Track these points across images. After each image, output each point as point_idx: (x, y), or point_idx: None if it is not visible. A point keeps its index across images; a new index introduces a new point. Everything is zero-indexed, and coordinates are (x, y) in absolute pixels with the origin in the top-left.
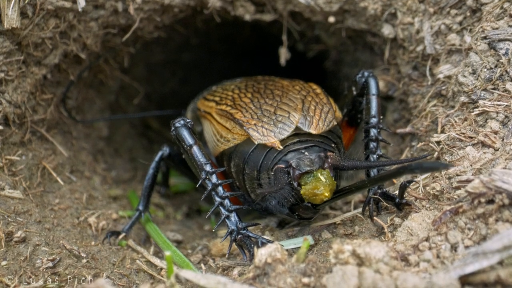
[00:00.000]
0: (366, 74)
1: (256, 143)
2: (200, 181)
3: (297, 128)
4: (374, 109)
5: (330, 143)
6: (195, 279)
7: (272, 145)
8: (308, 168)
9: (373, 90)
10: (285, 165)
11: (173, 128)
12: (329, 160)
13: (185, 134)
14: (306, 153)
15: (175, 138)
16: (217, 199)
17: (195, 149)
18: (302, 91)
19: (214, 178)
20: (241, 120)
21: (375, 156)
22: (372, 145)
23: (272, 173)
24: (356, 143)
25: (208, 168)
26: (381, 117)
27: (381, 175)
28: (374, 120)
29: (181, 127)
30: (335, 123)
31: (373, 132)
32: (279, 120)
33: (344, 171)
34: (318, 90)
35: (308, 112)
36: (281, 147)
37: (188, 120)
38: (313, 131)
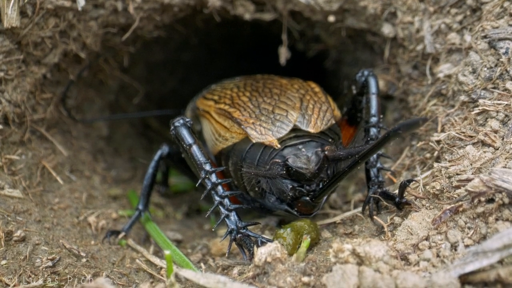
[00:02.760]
0: (366, 73)
1: (254, 141)
2: (199, 181)
3: (295, 126)
4: (374, 108)
5: (327, 138)
6: (195, 278)
7: (270, 144)
8: (304, 166)
9: (373, 89)
10: (281, 160)
11: (172, 127)
12: (326, 153)
13: (185, 133)
14: (303, 149)
15: (175, 137)
16: (217, 198)
17: (195, 148)
18: (301, 90)
19: (213, 178)
20: (239, 119)
21: (375, 155)
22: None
23: (268, 166)
24: (356, 142)
25: (207, 167)
26: (381, 116)
27: (370, 147)
28: (374, 119)
29: (181, 126)
30: (334, 121)
31: (373, 131)
32: (277, 118)
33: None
34: (317, 89)
35: (306, 111)
36: (279, 145)
37: (187, 119)
38: (311, 130)
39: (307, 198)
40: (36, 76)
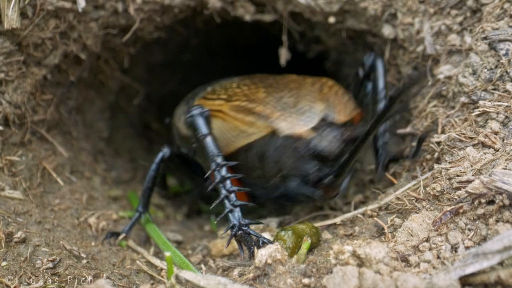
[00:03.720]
0: (373, 55)
1: (283, 134)
2: (208, 172)
3: (322, 116)
4: (381, 85)
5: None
6: (195, 279)
7: (301, 135)
8: (328, 147)
9: (380, 70)
10: (307, 147)
11: (189, 115)
12: (348, 132)
13: (201, 122)
14: (326, 131)
15: (189, 126)
16: (224, 191)
17: (209, 139)
18: (316, 84)
19: (223, 171)
20: (264, 113)
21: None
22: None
23: (292, 153)
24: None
25: (219, 160)
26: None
27: (382, 110)
28: (382, 94)
29: (198, 115)
30: (357, 111)
31: (382, 102)
32: (304, 110)
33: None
34: (330, 82)
35: (329, 101)
36: (311, 135)
37: (205, 109)
38: (340, 119)
39: (330, 178)
40: (36, 77)
